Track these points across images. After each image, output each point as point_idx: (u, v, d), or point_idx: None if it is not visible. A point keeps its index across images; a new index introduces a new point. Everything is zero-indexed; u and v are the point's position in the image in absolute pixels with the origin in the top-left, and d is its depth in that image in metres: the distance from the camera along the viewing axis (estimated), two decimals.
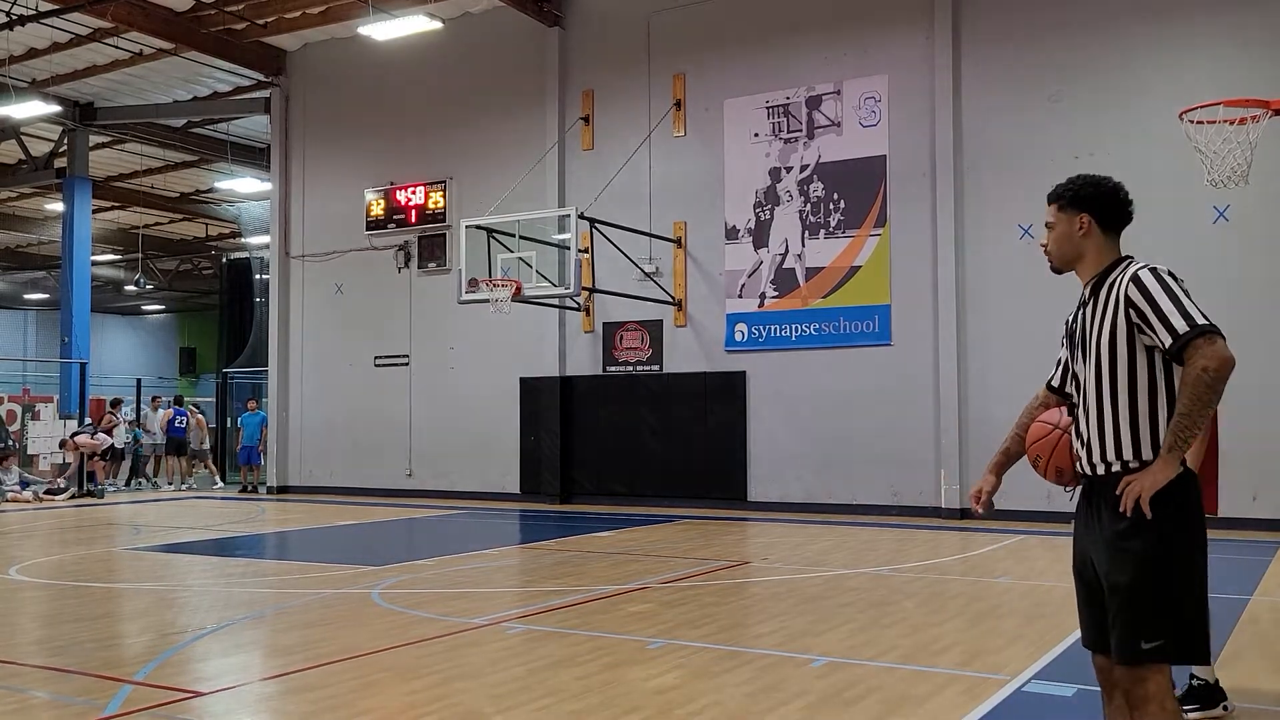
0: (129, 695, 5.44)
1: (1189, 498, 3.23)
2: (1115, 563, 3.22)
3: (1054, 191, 3.52)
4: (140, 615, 7.96)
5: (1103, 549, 3.28)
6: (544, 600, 8.28)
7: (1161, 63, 13.84)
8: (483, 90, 18.85)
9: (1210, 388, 3.10)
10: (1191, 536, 3.22)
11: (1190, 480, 3.24)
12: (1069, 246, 3.45)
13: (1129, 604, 3.18)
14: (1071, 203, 3.46)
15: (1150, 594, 3.16)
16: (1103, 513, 3.31)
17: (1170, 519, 3.18)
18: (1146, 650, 3.14)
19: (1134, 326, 3.22)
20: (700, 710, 5.09)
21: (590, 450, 17.75)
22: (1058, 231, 3.47)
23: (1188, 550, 3.21)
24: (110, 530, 14.22)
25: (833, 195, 15.94)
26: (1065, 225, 3.46)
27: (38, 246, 33.98)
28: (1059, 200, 3.49)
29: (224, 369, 27.94)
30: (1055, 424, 3.49)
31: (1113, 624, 3.24)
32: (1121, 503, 3.20)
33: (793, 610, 7.76)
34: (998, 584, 8.86)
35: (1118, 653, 3.22)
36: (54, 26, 18.89)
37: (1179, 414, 3.15)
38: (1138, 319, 3.20)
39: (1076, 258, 3.45)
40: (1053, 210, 3.49)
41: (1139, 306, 3.19)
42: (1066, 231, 3.45)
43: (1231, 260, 12.97)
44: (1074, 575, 3.49)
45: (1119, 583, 3.21)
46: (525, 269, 15.17)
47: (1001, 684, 5.54)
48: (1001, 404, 13.72)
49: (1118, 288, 3.28)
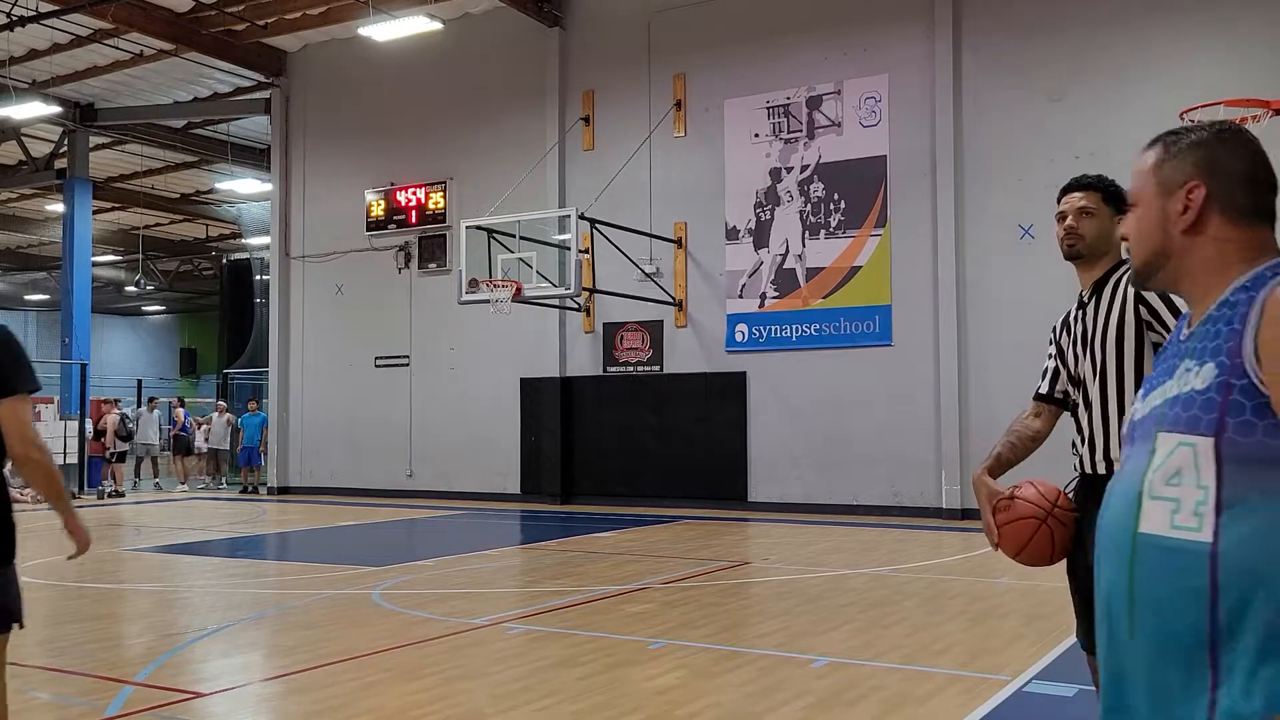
0: (130, 696, 5.45)
1: None
2: None
3: (1096, 180, 3.41)
4: (141, 616, 7.96)
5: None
6: (545, 600, 8.28)
7: (1162, 62, 13.84)
8: (483, 91, 18.85)
9: None
10: None
11: None
12: (1104, 241, 3.36)
13: None
14: (1114, 200, 3.36)
15: None
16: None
17: None
18: None
19: (1144, 324, 3.19)
20: (701, 710, 5.09)
21: (591, 451, 17.74)
22: (1099, 223, 3.36)
23: None
24: (111, 531, 14.22)
25: (833, 195, 15.94)
26: (1107, 219, 3.36)
27: (38, 247, 33.98)
28: (1104, 191, 3.38)
29: (224, 370, 27.96)
30: (1041, 509, 3.08)
31: None
32: None
33: (793, 610, 7.76)
34: (998, 584, 8.86)
35: None
36: (54, 27, 18.89)
37: None
38: (1149, 315, 3.17)
39: (1104, 253, 3.37)
40: (1095, 198, 3.37)
41: (1151, 304, 3.16)
42: (1108, 226, 3.36)
43: None
44: (1068, 574, 3.39)
45: None
46: (525, 269, 15.17)
47: (1002, 684, 5.54)
48: (1002, 404, 13.72)
49: (1125, 285, 3.24)
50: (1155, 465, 1.71)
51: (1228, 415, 1.62)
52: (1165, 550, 1.65)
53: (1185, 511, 1.64)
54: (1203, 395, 1.66)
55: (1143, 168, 1.90)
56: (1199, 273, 1.80)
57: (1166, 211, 1.84)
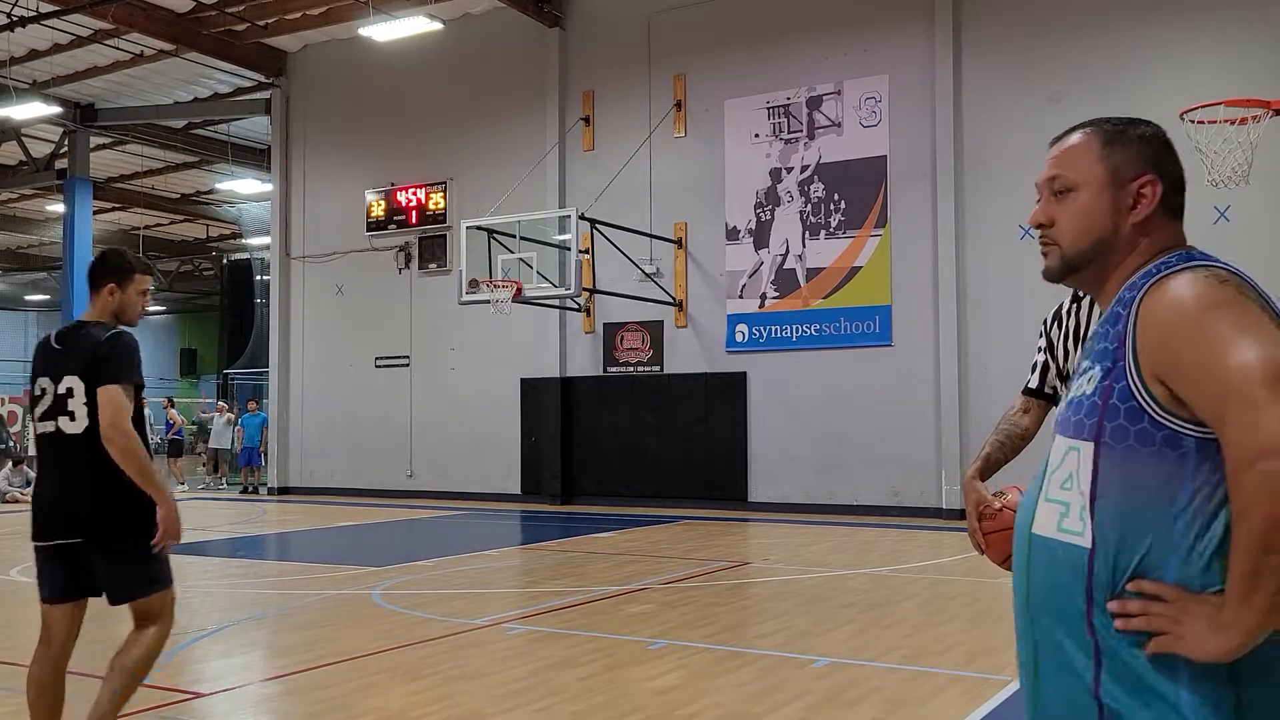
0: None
1: None
2: None
3: None
4: None
5: None
6: (545, 601, 8.28)
7: (1162, 62, 13.84)
8: (483, 91, 18.85)
9: None
10: None
11: None
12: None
13: None
14: None
15: None
16: None
17: None
18: None
19: None
20: (701, 711, 5.09)
21: (591, 451, 17.74)
22: None
23: None
24: None
25: (833, 195, 15.94)
26: None
27: (38, 248, 33.99)
28: None
29: (225, 370, 27.96)
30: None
31: None
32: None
33: (794, 611, 7.76)
34: (999, 584, 8.85)
35: None
36: (55, 28, 18.89)
37: None
38: None
39: None
40: None
41: None
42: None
43: (1233, 260, 12.89)
44: None
45: None
46: (526, 270, 15.17)
47: (1003, 684, 5.53)
48: (1002, 404, 13.64)
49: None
50: (1052, 468, 1.74)
51: (1105, 420, 1.64)
52: (1052, 551, 1.70)
53: (1072, 515, 1.67)
54: (1089, 400, 1.68)
55: (1081, 151, 1.83)
56: (1129, 268, 1.78)
57: (1119, 202, 1.79)
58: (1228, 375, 1.51)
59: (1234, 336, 1.54)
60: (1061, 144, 1.88)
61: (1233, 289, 1.64)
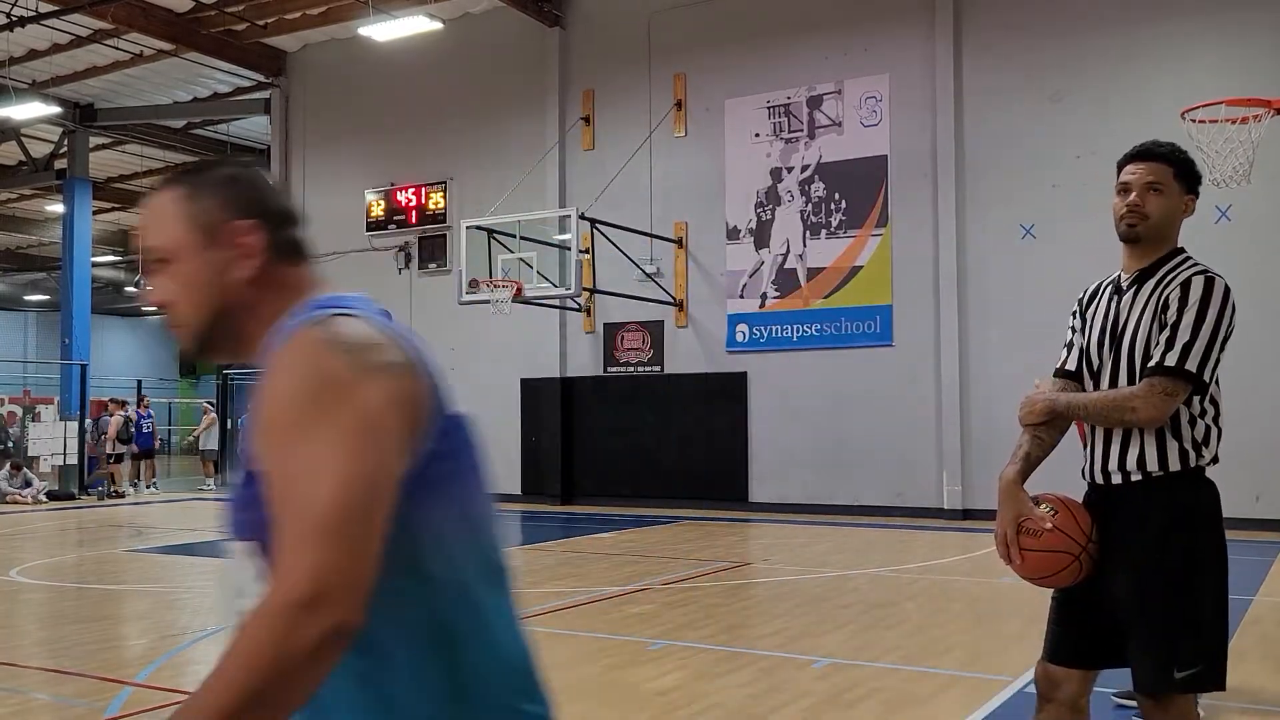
0: (130, 697, 5.44)
1: (1215, 509, 2.91)
2: (1142, 584, 2.85)
3: (1169, 150, 3.03)
4: (141, 617, 7.95)
5: (1121, 568, 2.88)
6: (545, 601, 8.27)
7: (1163, 62, 13.83)
8: (483, 90, 18.84)
9: (1117, 419, 2.85)
10: (1220, 552, 2.88)
11: (1214, 490, 2.93)
12: (1168, 225, 2.99)
13: (1161, 630, 2.80)
14: (1185, 177, 2.99)
15: (1182, 618, 2.79)
16: (1114, 526, 2.91)
17: (1200, 534, 2.86)
18: (1180, 679, 2.77)
19: None
20: (702, 711, 5.08)
21: (591, 451, 17.73)
22: (1167, 202, 2.97)
23: (1218, 568, 2.87)
24: (111, 532, 14.22)
25: (834, 195, 15.93)
26: (1176, 200, 2.98)
27: (38, 248, 33.99)
28: (1177, 165, 3.00)
29: (224, 370, 27.93)
30: (1077, 545, 2.89)
31: (1137, 652, 2.84)
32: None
33: (794, 611, 7.75)
34: (1000, 585, 8.85)
35: (1146, 684, 2.83)
36: (54, 28, 18.88)
37: (1079, 403, 2.94)
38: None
39: (1164, 238, 3.00)
40: (1165, 173, 2.98)
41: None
42: (1176, 208, 2.99)
43: (1234, 260, 12.88)
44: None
45: (1147, 606, 2.83)
46: (526, 269, 15.16)
47: (1004, 685, 5.52)
48: (1003, 404, 13.69)
49: (1172, 284, 2.93)
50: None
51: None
52: None
53: None
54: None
55: (167, 213, 1.52)
56: (265, 332, 1.49)
57: (222, 262, 1.51)
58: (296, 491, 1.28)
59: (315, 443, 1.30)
60: (148, 207, 1.54)
61: (346, 361, 1.41)
